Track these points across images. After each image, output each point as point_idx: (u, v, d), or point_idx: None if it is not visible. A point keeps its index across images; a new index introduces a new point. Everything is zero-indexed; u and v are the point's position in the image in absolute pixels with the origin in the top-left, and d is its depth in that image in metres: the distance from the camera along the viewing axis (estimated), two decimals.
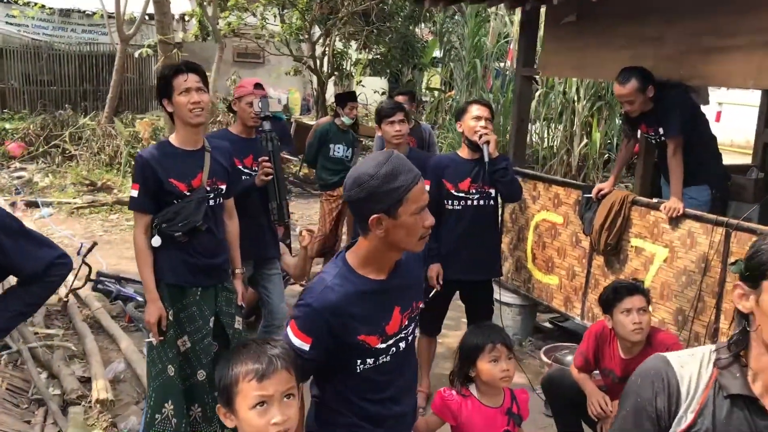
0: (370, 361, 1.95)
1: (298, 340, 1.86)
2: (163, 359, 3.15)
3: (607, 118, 10.19)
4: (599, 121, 10.26)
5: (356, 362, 1.94)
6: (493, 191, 3.98)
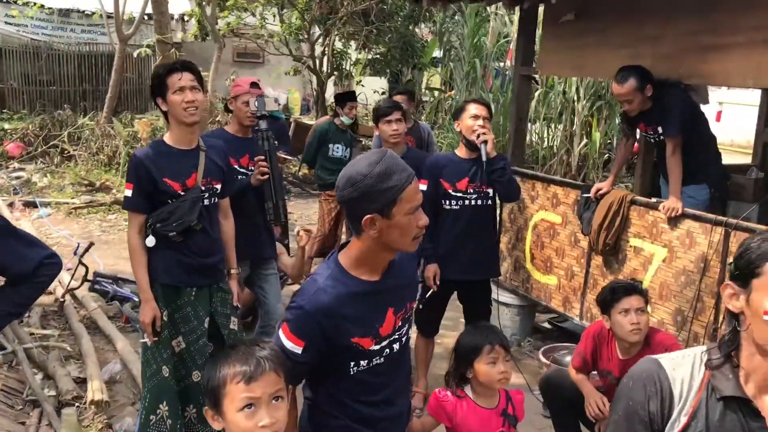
0: (363, 363, 1.92)
1: (290, 343, 1.83)
2: (157, 360, 3.14)
3: (607, 117, 10.17)
4: (599, 120, 10.24)
5: (350, 364, 1.91)
6: (491, 191, 3.96)
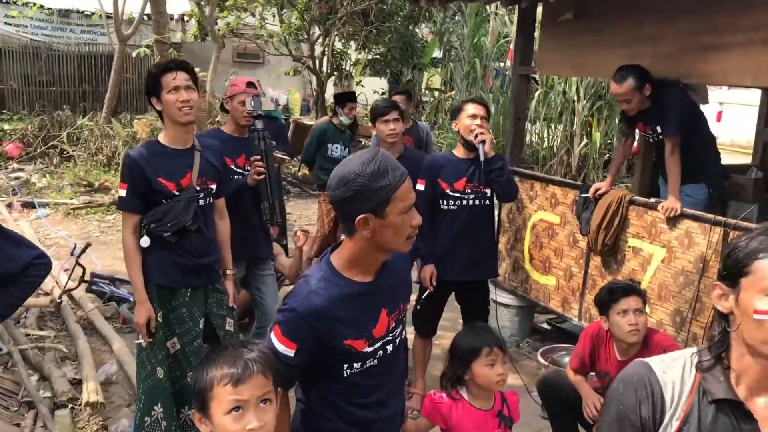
0: (357, 365, 1.90)
1: (282, 346, 1.80)
2: (152, 361, 3.12)
3: (607, 117, 10.13)
4: (599, 120, 10.21)
5: (342, 367, 1.88)
6: (488, 191, 3.93)
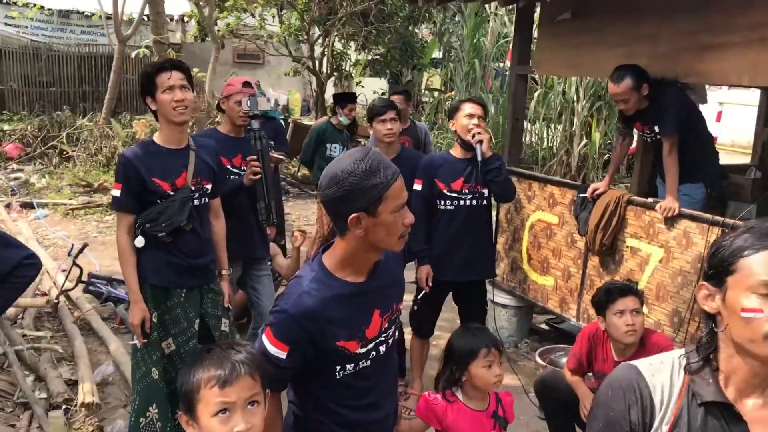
0: (349, 366, 1.88)
1: (274, 348, 1.79)
2: (147, 362, 3.11)
3: (606, 118, 10.12)
4: (599, 121, 10.20)
5: (335, 368, 1.87)
6: (486, 191, 3.92)
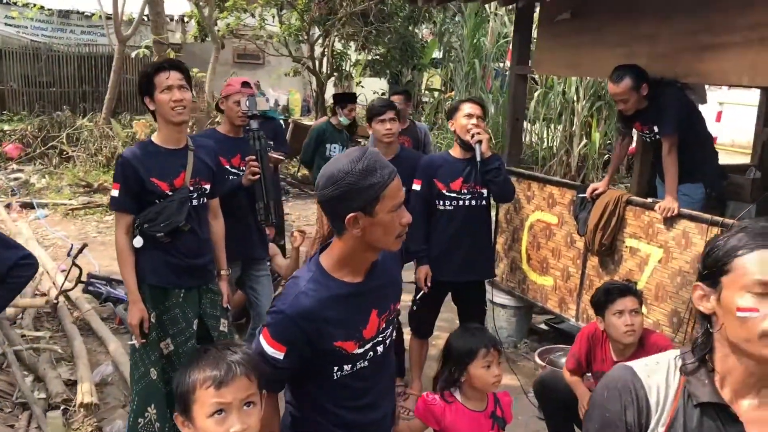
0: (347, 367, 1.88)
1: (271, 348, 1.79)
2: (145, 362, 3.11)
3: (606, 118, 10.12)
4: (599, 121, 10.19)
5: (333, 369, 1.86)
6: (485, 191, 3.92)
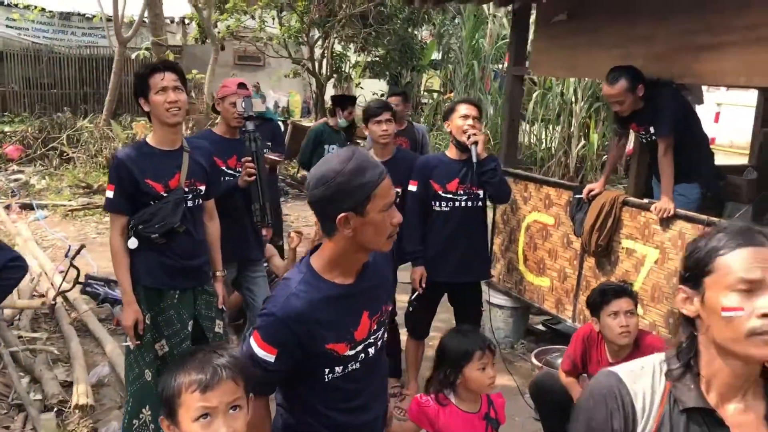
0: (338, 369, 1.87)
1: (262, 351, 1.78)
2: (140, 364, 3.11)
3: (604, 119, 10.12)
4: (597, 122, 10.20)
5: (324, 371, 1.86)
6: (481, 192, 3.92)
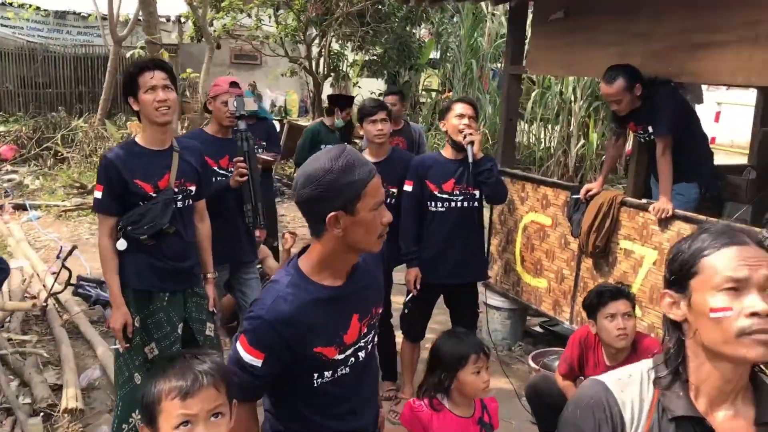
0: (327, 374, 1.82)
1: (248, 356, 1.73)
2: (129, 367, 3.06)
3: (603, 118, 10.08)
4: (596, 121, 10.16)
5: (313, 376, 1.81)
6: (477, 192, 3.87)
